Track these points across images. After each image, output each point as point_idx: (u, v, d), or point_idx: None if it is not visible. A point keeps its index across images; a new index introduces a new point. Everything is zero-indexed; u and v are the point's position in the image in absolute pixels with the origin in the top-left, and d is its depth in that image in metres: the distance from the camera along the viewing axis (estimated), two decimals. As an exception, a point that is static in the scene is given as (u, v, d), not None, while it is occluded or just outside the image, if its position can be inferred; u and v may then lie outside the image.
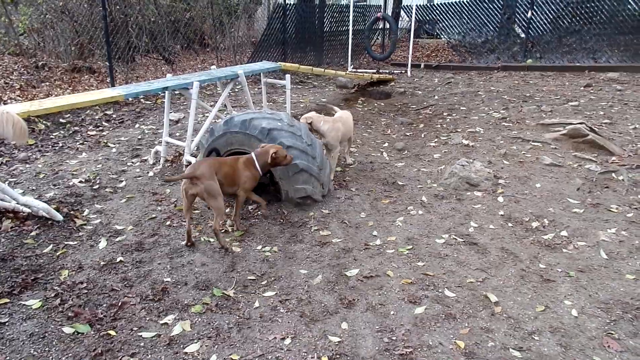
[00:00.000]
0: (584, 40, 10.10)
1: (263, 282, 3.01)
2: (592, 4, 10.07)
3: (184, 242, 3.42)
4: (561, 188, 4.40)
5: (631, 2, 9.83)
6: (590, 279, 3.08)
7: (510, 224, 3.83)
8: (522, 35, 11.02)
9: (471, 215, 3.99)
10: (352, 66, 11.20)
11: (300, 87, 9.51)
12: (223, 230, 3.67)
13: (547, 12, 10.54)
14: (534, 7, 10.54)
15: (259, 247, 3.46)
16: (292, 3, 12.61)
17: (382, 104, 8.00)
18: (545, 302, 2.82)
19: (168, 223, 3.76)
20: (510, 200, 4.22)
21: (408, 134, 6.32)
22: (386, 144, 5.89)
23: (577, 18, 10.25)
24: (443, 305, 2.78)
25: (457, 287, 2.98)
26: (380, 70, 10.69)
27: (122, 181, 4.58)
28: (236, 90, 8.44)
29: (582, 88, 7.87)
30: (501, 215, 3.98)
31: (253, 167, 3.57)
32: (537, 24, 10.76)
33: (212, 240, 3.52)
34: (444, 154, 5.40)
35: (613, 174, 4.56)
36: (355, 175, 4.89)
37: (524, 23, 10.88)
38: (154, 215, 3.88)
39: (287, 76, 5.89)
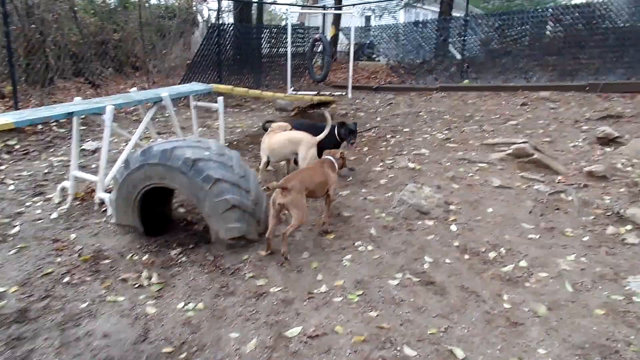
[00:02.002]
0: (516, 61, 10.41)
1: (182, 355, 2.40)
2: (518, 28, 10.46)
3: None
4: (513, 212, 4.16)
5: (545, 27, 10.29)
6: (560, 318, 2.76)
7: (466, 256, 3.49)
8: (458, 56, 11.22)
9: (424, 248, 3.61)
10: (292, 88, 10.85)
11: (237, 110, 8.99)
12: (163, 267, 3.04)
13: (480, 34, 10.80)
14: (467, 29, 10.77)
15: (181, 305, 2.86)
16: (228, 23, 12.16)
17: (324, 126, 7.63)
18: (518, 354, 2.44)
19: (67, 279, 3.06)
20: (464, 229, 3.90)
21: (352, 158, 5.96)
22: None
23: (508, 40, 10.58)
24: (403, 368, 2.32)
25: (418, 342, 2.54)
26: (321, 92, 10.41)
27: (15, 226, 3.81)
28: (166, 115, 7.76)
29: (518, 107, 7.95)
30: (456, 246, 3.63)
31: (334, 168, 4.02)
32: (471, 45, 10.99)
33: (120, 299, 2.87)
34: (390, 179, 5.06)
35: (562, 194, 4.40)
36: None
37: (459, 45, 11.09)
38: (49, 270, 3.16)
39: (220, 99, 5.37)
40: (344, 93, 10.54)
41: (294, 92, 10.12)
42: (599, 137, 5.67)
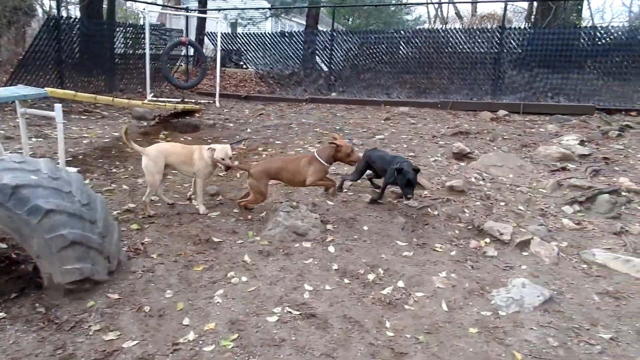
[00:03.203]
0: (377, 76, 11.02)
1: None
2: (379, 47, 11.12)
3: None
4: (387, 229, 4.19)
5: (401, 47, 11.17)
6: (440, 341, 2.73)
7: (346, 280, 3.34)
8: (325, 69, 11.48)
9: (304, 274, 3.38)
10: (152, 94, 9.90)
11: (84, 117, 7.81)
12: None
13: (346, 50, 11.21)
14: (334, 44, 11.08)
15: (-6, 384, 2.14)
16: (73, 17, 10.65)
17: (189, 138, 7.02)
18: (406, 390, 2.32)
19: None
20: (342, 250, 3.77)
21: (222, 174, 5.51)
22: (196, 188, 4.95)
23: (371, 57, 11.16)
24: None
25: (302, 391, 2.25)
26: (186, 100, 9.68)
27: None
28: (-13, 121, 6.35)
29: (383, 121, 8.34)
30: (335, 270, 3.47)
31: (317, 162, 4.21)
32: (338, 59, 11.35)
33: None
34: (264, 197, 4.74)
35: (429, 209, 4.59)
36: (157, 233, 3.82)
37: (326, 58, 11.35)
38: None
39: (58, 106, 4.47)
40: (211, 101, 9.97)
41: (154, 99, 9.22)
42: (454, 153, 6.15)
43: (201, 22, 14.80)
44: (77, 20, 9.95)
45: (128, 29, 11.37)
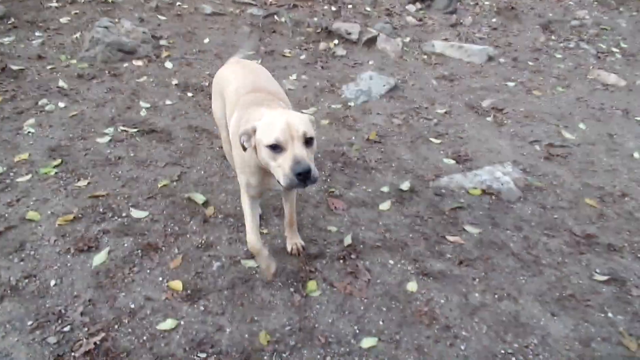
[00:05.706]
0: None
1: None
2: None
3: None
4: (232, 39, 3.77)
5: None
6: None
7: (189, 94, 2.99)
8: None
9: (138, 93, 2.92)
10: None
11: None
12: None
13: None
14: None
15: None
16: None
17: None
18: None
19: None
20: (182, 65, 3.32)
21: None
22: (-24, 12, 3.77)
23: None
24: (135, 236, 1.83)
25: (148, 200, 2.04)
26: None
27: None
28: None
29: None
30: (176, 84, 3.07)
31: None
32: None
33: None
34: (74, 17, 3.82)
35: (275, 17, 4.21)
36: None
37: None
38: None
39: None
40: None
41: None
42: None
43: None
44: None
45: None
